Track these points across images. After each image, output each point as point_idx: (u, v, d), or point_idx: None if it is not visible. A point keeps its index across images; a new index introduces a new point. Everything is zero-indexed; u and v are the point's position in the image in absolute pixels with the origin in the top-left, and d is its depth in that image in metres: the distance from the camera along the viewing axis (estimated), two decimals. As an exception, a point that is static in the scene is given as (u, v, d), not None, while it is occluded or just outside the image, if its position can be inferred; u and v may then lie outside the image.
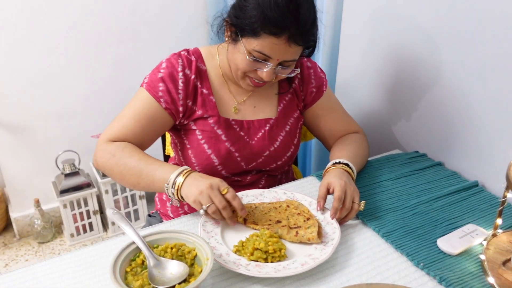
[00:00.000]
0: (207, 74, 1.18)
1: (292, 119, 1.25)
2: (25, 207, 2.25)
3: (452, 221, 1.04)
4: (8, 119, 2.06)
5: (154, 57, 2.20)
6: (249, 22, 1.02)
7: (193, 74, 1.15)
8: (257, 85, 1.13)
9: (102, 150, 1.11)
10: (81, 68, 2.12)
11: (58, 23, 1.99)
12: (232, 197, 0.96)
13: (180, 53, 1.17)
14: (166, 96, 1.13)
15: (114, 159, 1.08)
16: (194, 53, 1.18)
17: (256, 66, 1.07)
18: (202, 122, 1.17)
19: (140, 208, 2.33)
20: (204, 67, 1.18)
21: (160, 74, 1.14)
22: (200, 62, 1.18)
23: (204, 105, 1.16)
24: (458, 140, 1.25)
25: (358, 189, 1.15)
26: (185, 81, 1.14)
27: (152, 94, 1.13)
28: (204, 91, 1.17)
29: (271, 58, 1.04)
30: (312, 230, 0.94)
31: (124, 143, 1.11)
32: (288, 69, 1.10)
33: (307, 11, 1.01)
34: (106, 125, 2.24)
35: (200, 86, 1.16)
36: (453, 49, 1.20)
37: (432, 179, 1.22)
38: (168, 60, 1.16)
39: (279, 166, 1.25)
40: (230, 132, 1.18)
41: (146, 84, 1.14)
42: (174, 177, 1.00)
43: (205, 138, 1.17)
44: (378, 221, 1.04)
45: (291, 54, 1.05)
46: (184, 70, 1.14)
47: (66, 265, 0.92)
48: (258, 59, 1.05)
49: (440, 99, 1.27)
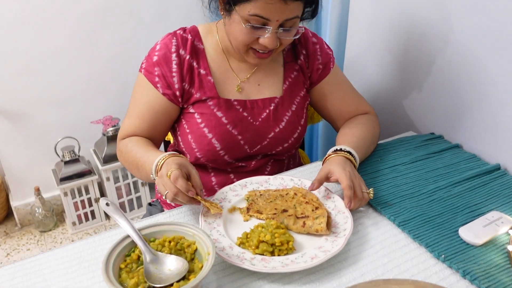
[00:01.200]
0: (204, 53, 1.11)
1: (299, 98, 1.17)
2: (25, 195, 2.21)
3: (474, 208, 0.96)
4: (5, 106, 2.00)
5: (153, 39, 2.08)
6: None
7: (188, 54, 1.08)
8: (262, 56, 1.04)
9: (117, 149, 1.15)
10: (79, 52, 2.05)
11: (54, 7, 1.92)
12: (173, 179, 0.86)
13: (176, 32, 1.11)
14: (162, 81, 1.08)
15: (122, 155, 1.11)
16: (191, 31, 1.11)
17: (256, 34, 0.99)
18: (201, 105, 1.10)
19: (142, 195, 2.28)
20: (202, 45, 1.11)
21: (155, 57, 1.09)
22: (197, 40, 1.11)
23: (201, 87, 1.09)
24: (477, 120, 1.16)
25: (370, 173, 1.09)
26: (179, 62, 1.08)
27: (150, 79, 1.09)
28: (201, 71, 1.09)
29: (269, 20, 0.96)
30: (321, 220, 0.86)
31: (129, 138, 1.11)
32: (292, 31, 1.01)
33: None
34: (106, 110, 2.20)
35: (197, 67, 1.09)
36: (466, 19, 1.10)
37: (449, 163, 1.13)
38: (162, 41, 1.10)
39: (285, 149, 1.17)
40: (231, 114, 1.10)
41: (144, 69, 1.11)
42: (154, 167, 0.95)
43: (204, 122, 1.09)
44: (393, 209, 0.96)
45: (290, 11, 0.96)
46: (178, 51, 1.08)
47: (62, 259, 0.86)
48: (256, 25, 0.97)
49: (456, 76, 1.18)
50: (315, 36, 1.21)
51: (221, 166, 1.16)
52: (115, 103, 2.18)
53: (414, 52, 1.29)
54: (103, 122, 2.09)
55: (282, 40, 1.02)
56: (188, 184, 0.87)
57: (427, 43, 1.24)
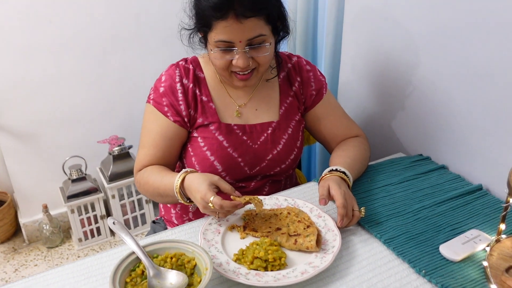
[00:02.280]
0: (205, 81, 1.19)
1: (294, 122, 1.25)
2: (33, 212, 2.28)
3: (455, 226, 1.03)
4: (15, 126, 2.09)
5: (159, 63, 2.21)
6: (201, 19, 1.06)
7: (191, 83, 1.17)
8: (243, 78, 1.12)
9: (136, 181, 1.22)
10: (87, 75, 2.14)
11: (64, 31, 2.02)
12: (219, 207, 0.95)
13: (178, 63, 1.20)
14: (172, 110, 1.16)
15: (142, 186, 1.18)
16: (192, 61, 1.20)
17: (227, 57, 1.07)
18: (203, 130, 1.18)
19: (147, 212, 2.35)
20: (202, 74, 1.20)
21: (162, 88, 1.17)
22: (198, 70, 1.20)
23: (204, 112, 1.17)
24: (462, 142, 1.24)
25: (360, 193, 1.15)
26: (184, 91, 1.16)
27: (159, 109, 1.17)
28: (203, 98, 1.18)
29: (232, 42, 1.05)
30: (311, 238, 0.93)
31: (145, 169, 1.18)
32: (261, 49, 1.08)
33: None
34: (112, 130, 2.29)
35: (199, 94, 1.18)
36: (454, 53, 1.18)
37: (435, 183, 1.20)
38: (167, 72, 1.19)
39: (283, 170, 1.25)
40: (232, 137, 1.18)
41: (152, 100, 1.19)
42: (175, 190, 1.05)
43: (207, 145, 1.17)
44: (379, 227, 1.03)
45: (249, 30, 1.03)
46: (182, 80, 1.17)
47: (68, 275, 0.93)
48: (223, 48, 1.06)
49: (443, 102, 1.26)
50: (309, 64, 1.29)
51: None
52: (120, 124, 2.28)
53: (402, 80, 1.37)
54: (109, 141, 2.17)
55: (257, 59, 1.09)
56: (232, 202, 0.97)
57: (415, 72, 1.32)
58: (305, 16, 1.71)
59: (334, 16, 1.56)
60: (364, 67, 1.51)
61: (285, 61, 1.26)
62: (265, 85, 1.24)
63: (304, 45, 1.77)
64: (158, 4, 2.15)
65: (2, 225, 2.23)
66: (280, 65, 1.25)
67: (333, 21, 1.57)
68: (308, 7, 1.68)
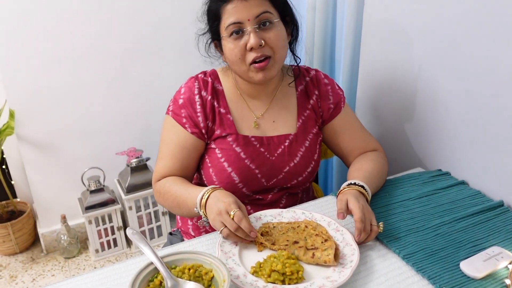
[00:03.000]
0: (223, 93, 1.21)
1: (311, 135, 1.25)
2: (52, 222, 2.31)
3: (476, 243, 1.01)
4: (36, 137, 2.13)
5: (177, 75, 2.25)
6: (212, 15, 1.13)
7: (209, 95, 1.19)
8: (260, 66, 1.11)
9: (154, 191, 1.23)
10: (106, 87, 2.18)
11: (84, 44, 2.06)
12: (238, 220, 0.96)
13: (197, 76, 1.22)
14: (189, 122, 1.18)
15: (161, 196, 1.19)
16: (211, 74, 1.23)
17: (241, 42, 1.10)
18: (221, 141, 1.19)
19: (163, 224, 2.36)
20: (221, 86, 1.22)
21: (181, 100, 1.20)
22: (217, 82, 1.22)
23: (222, 124, 1.19)
24: (482, 158, 1.22)
25: (378, 208, 1.14)
26: (202, 103, 1.18)
27: (178, 121, 1.19)
28: (221, 110, 1.19)
29: (242, 22, 1.09)
30: (329, 252, 0.93)
31: (166, 179, 1.19)
32: (272, 28, 1.11)
33: None
34: (130, 142, 2.32)
35: (217, 106, 1.19)
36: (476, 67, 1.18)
37: (455, 199, 1.19)
38: (186, 85, 1.21)
39: (300, 183, 1.25)
40: (249, 149, 1.19)
41: (171, 112, 1.21)
42: (199, 200, 1.05)
43: (224, 157, 1.18)
44: (398, 242, 1.02)
45: (255, 7, 1.09)
46: (201, 93, 1.19)
47: (87, 284, 0.94)
48: (234, 30, 1.10)
49: (462, 116, 1.25)
50: (327, 77, 1.30)
51: (240, 198, 1.23)
52: (139, 136, 2.31)
53: (420, 94, 1.37)
54: (127, 153, 2.20)
55: (269, 42, 1.10)
56: (251, 225, 0.97)
57: (433, 85, 1.32)
58: (323, 30, 1.72)
59: (352, 30, 1.57)
60: (382, 81, 1.51)
61: (303, 74, 1.27)
62: (283, 97, 1.25)
63: (322, 59, 1.78)
64: (176, 18, 2.18)
65: (21, 235, 2.27)
66: (298, 75, 1.26)
67: (351, 35, 1.58)
68: (326, 21, 1.70)
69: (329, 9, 1.68)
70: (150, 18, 2.15)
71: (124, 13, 2.09)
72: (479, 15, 1.13)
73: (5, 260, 2.27)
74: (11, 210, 2.31)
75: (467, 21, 1.17)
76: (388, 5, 1.41)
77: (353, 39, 1.59)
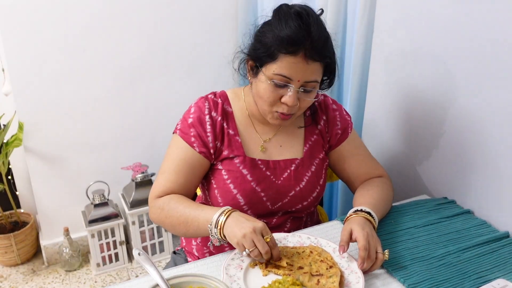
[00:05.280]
0: (233, 115, 1.22)
1: (318, 160, 1.26)
2: (54, 235, 2.31)
3: (482, 274, 1.01)
4: (43, 149, 2.14)
5: (185, 93, 2.29)
6: (266, 48, 1.07)
7: (219, 116, 1.19)
8: (284, 117, 1.13)
9: (153, 206, 1.18)
10: (115, 102, 2.21)
11: (95, 59, 2.09)
12: (273, 245, 0.98)
13: (207, 96, 1.23)
14: (198, 141, 1.18)
15: (163, 213, 1.15)
16: (221, 96, 1.23)
17: (279, 92, 1.09)
18: (228, 162, 1.19)
19: (165, 240, 2.35)
20: (230, 108, 1.22)
21: (190, 119, 1.19)
22: (227, 104, 1.22)
23: (230, 145, 1.19)
24: (488, 187, 1.22)
25: (383, 235, 1.14)
26: (212, 123, 1.18)
27: (186, 140, 1.18)
28: (230, 131, 1.20)
29: (291, 79, 1.07)
30: (334, 279, 0.93)
31: (169, 196, 1.17)
32: (311, 94, 1.12)
33: (318, 29, 1.06)
34: (136, 157, 2.32)
35: (227, 127, 1.20)
36: (484, 94, 1.19)
37: (461, 228, 1.19)
38: (196, 104, 1.21)
39: (305, 207, 1.25)
40: (256, 172, 1.19)
41: (179, 130, 1.20)
42: (216, 217, 1.04)
43: (231, 178, 1.19)
44: (403, 271, 1.01)
45: (311, 72, 1.07)
46: (211, 113, 1.19)
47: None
48: (279, 83, 1.08)
49: (470, 145, 1.26)
50: (335, 103, 1.31)
51: None
52: (144, 152, 2.32)
53: (428, 120, 1.38)
54: (132, 168, 2.21)
55: (301, 103, 1.12)
56: (280, 253, 0.99)
57: (441, 111, 1.33)
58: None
59: (361, 53, 1.58)
60: (390, 106, 1.52)
61: None
62: (291, 123, 1.26)
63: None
64: (186, 36, 2.22)
65: (24, 246, 2.27)
66: (315, 113, 1.28)
67: (360, 59, 1.59)
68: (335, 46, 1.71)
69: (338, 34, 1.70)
70: (160, 35, 2.18)
71: (135, 29, 2.12)
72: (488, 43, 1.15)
73: (6, 271, 2.27)
74: (14, 220, 2.32)
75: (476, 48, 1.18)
76: (397, 32, 1.42)
77: (362, 63, 1.60)
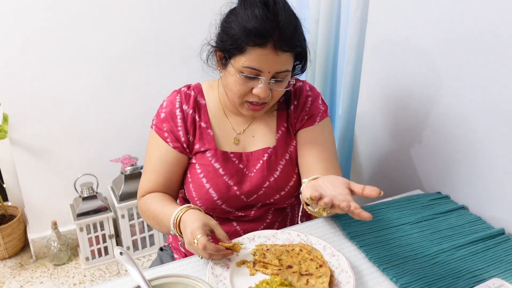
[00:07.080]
0: (206, 107, 1.19)
1: (292, 147, 1.22)
2: (42, 228, 2.27)
3: (476, 273, 0.98)
4: (30, 141, 2.09)
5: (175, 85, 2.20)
6: (233, 40, 1.03)
7: (191, 109, 1.17)
8: (255, 108, 1.11)
9: (138, 206, 1.21)
10: (103, 94, 2.15)
11: (82, 50, 2.04)
12: (202, 247, 0.92)
13: (180, 89, 1.21)
14: (171, 136, 1.16)
15: (144, 213, 1.17)
16: (195, 88, 1.21)
17: (249, 84, 1.06)
18: (201, 156, 1.17)
19: (155, 234, 2.32)
20: (204, 101, 1.20)
21: (162, 114, 1.18)
22: (200, 96, 1.20)
23: (201, 139, 1.17)
24: (483, 182, 1.19)
25: (376, 232, 1.11)
26: (183, 117, 1.17)
27: (160, 135, 1.18)
28: (202, 124, 1.18)
29: (261, 71, 1.03)
30: (324, 280, 0.89)
31: (148, 195, 1.17)
32: (283, 83, 1.08)
33: (287, 18, 1.02)
34: (125, 150, 2.28)
35: (199, 120, 1.18)
36: (477, 88, 1.15)
37: (455, 225, 1.15)
38: (168, 98, 1.20)
39: (283, 198, 1.20)
40: (228, 165, 1.17)
41: (155, 126, 1.20)
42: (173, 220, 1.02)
43: (203, 172, 1.16)
44: (395, 269, 0.98)
45: (281, 63, 1.04)
46: (182, 106, 1.17)
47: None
48: (249, 75, 1.04)
49: (464, 138, 1.22)
50: (313, 90, 1.24)
51: (222, 215, 1.21)
52: (134, 144, 2.27)
53: (421, 114, 1.34)
54: (122, 161, 2.17)
55: (273, 92, 1.08)
56: (216, 246, 0.93)
57: (435, 105, 1.29)
58: (325, 47, 1.70)
59: (354, 47, 1.55)
60: (382, 100, 1.48)
61: None
62: (265, 112, 1.22)
63: (323, 76, 1.75)
64: (177, 26, 2.16)
65: (11, 240, 2.23)
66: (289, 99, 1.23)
67: (354, 53, 1.55)
68: (329, 38, 1.68)
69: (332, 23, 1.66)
70: (150, 24, 2.12)
71: (124, 18, 2.06)
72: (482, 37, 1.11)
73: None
74: (1, 214, 2.27)
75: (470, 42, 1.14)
76: (390, 24, 1.38)
77: (355, 57, 1.56)
